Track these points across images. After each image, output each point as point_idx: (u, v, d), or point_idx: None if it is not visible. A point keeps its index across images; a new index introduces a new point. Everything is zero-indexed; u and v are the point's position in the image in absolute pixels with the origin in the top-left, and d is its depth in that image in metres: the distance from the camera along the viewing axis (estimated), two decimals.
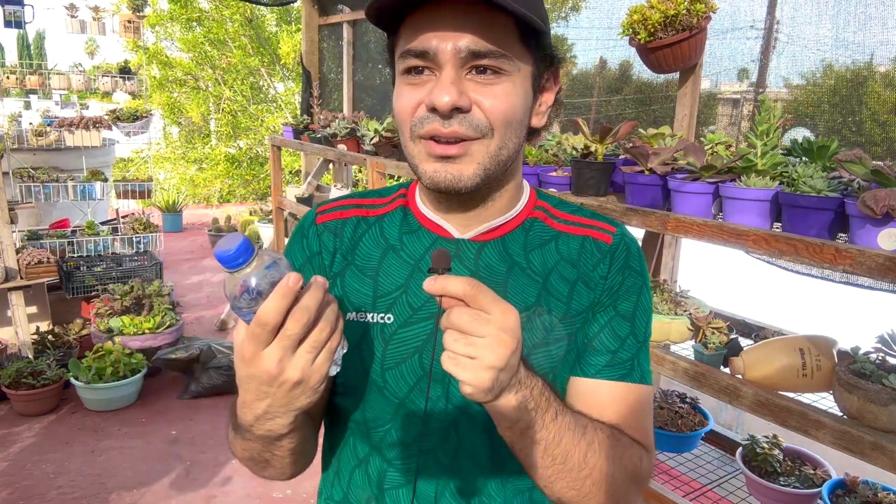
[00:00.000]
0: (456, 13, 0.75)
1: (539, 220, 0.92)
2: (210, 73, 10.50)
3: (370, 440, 0.91)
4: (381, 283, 0.89)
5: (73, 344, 4.24)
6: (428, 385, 0.85)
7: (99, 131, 5.00)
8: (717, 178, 1.68)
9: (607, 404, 0.86)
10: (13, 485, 3.07)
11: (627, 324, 0.89)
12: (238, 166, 10.48)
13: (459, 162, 0.79)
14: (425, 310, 0.87)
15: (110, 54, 9.71)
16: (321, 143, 3.94)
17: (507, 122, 0.79)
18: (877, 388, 1.36)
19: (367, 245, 0.92)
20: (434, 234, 0.90)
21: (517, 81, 0.79)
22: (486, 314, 0.66)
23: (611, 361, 0.87)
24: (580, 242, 0.91)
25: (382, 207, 0.96)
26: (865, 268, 1.31)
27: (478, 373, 0.66)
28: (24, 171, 4.61)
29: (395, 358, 0.87)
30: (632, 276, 0.90)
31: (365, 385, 0.89)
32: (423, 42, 0.76)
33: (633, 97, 2.52)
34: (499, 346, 0.66)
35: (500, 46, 0.76)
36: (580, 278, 0.89)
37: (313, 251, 0.94)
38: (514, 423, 0.73)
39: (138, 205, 5.96)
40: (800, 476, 1.95)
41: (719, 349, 1.79)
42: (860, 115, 1.90)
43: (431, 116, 0.78)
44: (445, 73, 0.76)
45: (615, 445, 0.81)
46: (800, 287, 2.52)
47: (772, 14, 2.05)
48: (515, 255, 0.89)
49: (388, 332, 0.87)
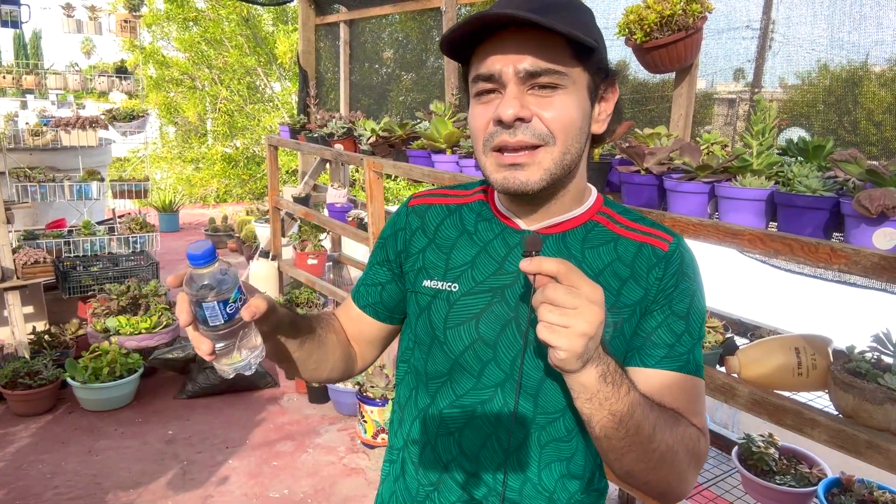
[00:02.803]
0: (515, 39, 0.87)
1: (601, 225, 1.02)
2: (206, 72, 10.48)
3: (429, 391, 1.05)
4: (452, 258, 1.04)
5: (69, 344, 4.23)
6: (522, 353, 0.96)
7: (95, 131, 4.99)
8: (712, 177, 1.68)
9: (665, 392, 0.94)
10: (9, 485, 3.06)
11: (682, 322, 0.97)
12: (235, 166, 10.45)
13: (527, 169, 0.90)
14: (486, 284, 1.00)
15: (107, 54, 9.70)
16: (318, 143, 3.94)
17: (565, 130, 0.90)
18: (872, 387, 1.36)
19: (447, 227, 1.08)
20: (504, 223, 1.03)
21: (573, 93, 0.90)
22: (576, 289, 0.75)
23: (668, 354, 0.96)
24: (638, 247, 0.99)
25: (465, 198, 1.11)
26: (861, 267, 1.31)
27: (572, 339, 0.75)
28: (20, 170, 4.60)
29: (455, 320, 1.01)
30: (685, 280, 0.98)
31: (430, 339, 1.04)
32: (489, 67, 0.89)
33: (629, 97, 2.52)
34: (590, 314, 0.75)
35: (555, 64, 0.87)
36: (632, 276, 0.97)
37: (399, 227, 1.12)
38: (595, 395, 0.81)
39: (135, 204, 5.96)
40: (795, 475, 1.96)
41: (715, 348, 1.79)
42: (855, 115, 1.90)
43: (499, 130, 0.90)
44: (509, 91, 0.88)
45: (677, 424, 0.90)
46: (794, 286, 2.53)
47: (767, 14, 2.05)
48: (573, 248, 0.99)
49: (454, 298, 1.01)
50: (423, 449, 1.07)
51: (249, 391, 4.11)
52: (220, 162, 10.29)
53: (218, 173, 10.37)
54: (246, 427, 3.69)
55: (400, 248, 1.12)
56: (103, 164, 6.17)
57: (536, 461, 1.00)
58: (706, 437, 0.97)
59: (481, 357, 1.00)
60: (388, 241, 1.15)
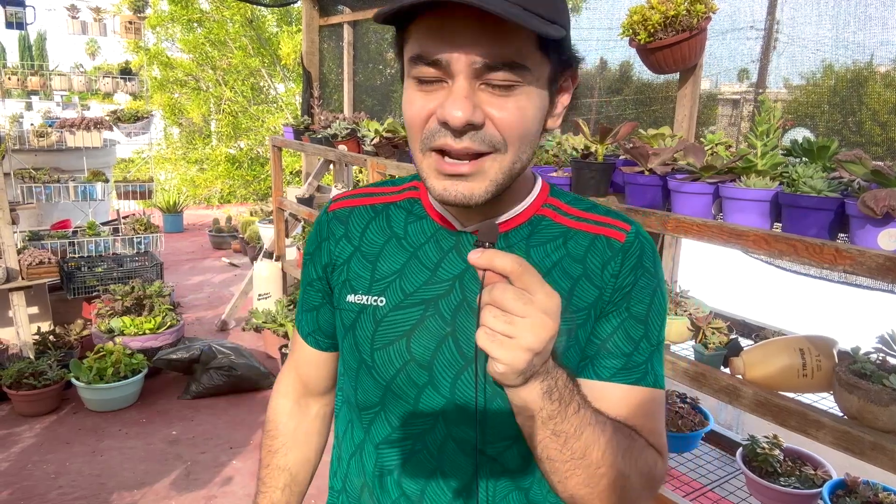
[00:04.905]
0: (474, 22, 0.70)
1: (548, 218, 0.90)
2: (211, 73, 10.50)
3: (362, 424, 0.94)
4: (379, 267, 0.91)
5: (73, 344, 4.24)
6: (476, 371, 0.83)
7: (100, 132, 5.00)
8: (716, 178, 1.68)
9: (621, 407, 0.84)
10: (14, 485, 3.07)
11: (641, 326, 0.87)
12: (239, 167, 10.48)
13: (471, 180, 0.77)
14: (417, 296, 0.88)
15: (111, 55, 9.72)
16: (322, 144, 3.94)
17: (521, 137, 0.76)
18: (877, 389, 1.36)
19: (373, 232, 0.95)
20: (438, 224, 0.91)
21: (533, 92, 0.76)
22: (530, 294, 0.64)
23: (625, 365, 0.85)
24: (590, 240, 0.88)
25: (393, 195, 0.98)
26: (865, 268, 1.31)
27: (515, 353, 0.64)
28: (25, 171, 4.61)
29: (383, 339, 0.88)
30: (645, 276, 0.87)
31: (358, 364, 0.92)
32: (436, 51, 0.72)
33: (633, 98, 2.52)
34: (540, 328, 0.64)
35: (517, 58, 0.72)
36: (585, 275, 0.86)
37: (322, 237, 0.98)
38: (538, 412, 0.71)
39: (139, 205, 5.97)
40: (800, 476, 1.95)
41: (719, 349, 1.79)
42: (860, 116, 1.90)
43: (443, 130, 0.75)
44: (458, 86, 0.73)
45: (632, 446, 0.80)
46: (799, 287, 2.52)
47: (772, 14, 2.05)
48: (516, 248, 0.88)
49: (380, 314, 0.89)
50: (360, 492, 0.95)
51: (253, 392, 4.11)
52: (224, 163, 10.32)
53: (222, 174, 10.40)
54: (250, 427, 3.69)
55: (325, 261, 0.98)
56: (108, 165, 6.19)
57: (490, 497, 0.88)
58: (664, 458, 0.88)
59: (415, 381, 0.87)
60: (313, 255, 1.01)
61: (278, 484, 1.10)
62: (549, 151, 2.28)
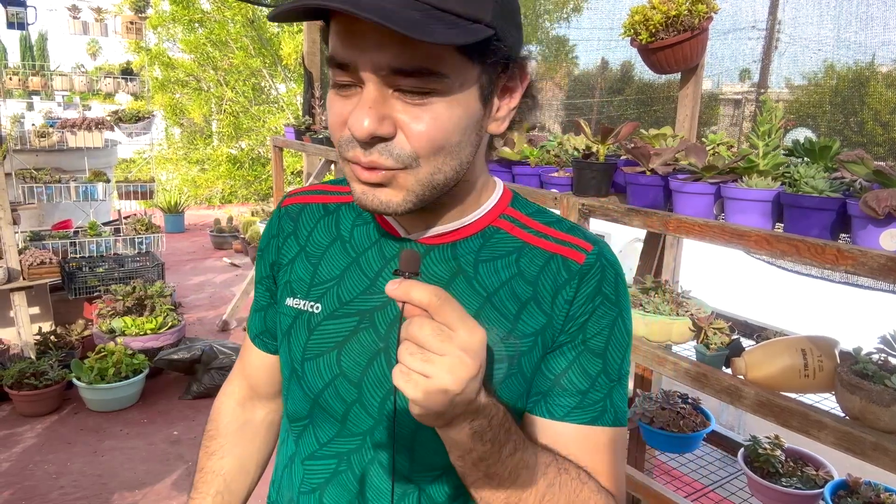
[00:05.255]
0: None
1: (502, 231, 0.83)
2: (212, 74, 10.51)
3: (293, 436, 0.89)
4: (319, 271, 0.86)
5: (75, 344, 4.24)
6: (394, 399, 0.77)
7: (101, 132, 5.00)
8: (718, 178, 1.68)
9: (575, 448, 0.78)
10: (15, 485, 3.07)
11: (599, 361, 0.79)
12: (240, 167, 10.49)
13: (387, 188, 0.71)
14: (353, 305, 0.82)
15: (112, 55, 9.71)
16: (323, 144, 3.94)
17: (435, 150, 0.69)
18: (879, 389, 1.36)
19: (320, 232, 0.89)
20: (382, 230, 0.84)
21: (455, 100, 0.68)
22: (450, 330, 0.59)
23: (580, 403, 0.78)
24: (546, 259, 0.80)
25: (347, 195, 0.90)
26: (867, 268, 1.31)
27: (429, 394, 0.58)
28: (26, 171, 4.62)
29: (314, 349, 0.83)
30: (605, 304, 0.79)
31: (290, 372, 0.87)
32: (344, 54, 0.67)
33: (634, 98, 2.52)
34: (459, 367, 0.58)
35: (430, 64, 0.64)
36: (535, 298, 0.79)
37: (272, 234, 0.94)
38: (467, 454, 0.66)
39: (140, 206, 5.97)
40: (802, 477, 1.95)
41: (721, 350, 1.78)
42: (862, 116, 1.90)
43: (353, 141, 0.69)
44: (365, 94, 0.66)
45: (579, 489, 0.73)
46: (801, 287, 2.52)
47: (773, 14, 2.05)
48: (464, 262, 0.81)
49: (314, 321, 0.84)
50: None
51: None
52: (225, 163, 10.33)
53: (223, 174, 10.41)
54: None
55: (273, 259, 0.93)
56: (109, 166, 6.19)
57: None
58: (618, 502, 0.80)
59: (344, 397, 0.81)
60: (263, 253, 0.95)
61: (209, 490, 1.02)
62: (551, 152, 2.28)
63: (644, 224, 1.78)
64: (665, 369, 1.78)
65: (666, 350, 1.87)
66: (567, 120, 3.07)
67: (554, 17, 3.86)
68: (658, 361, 1.78)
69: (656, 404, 2.27)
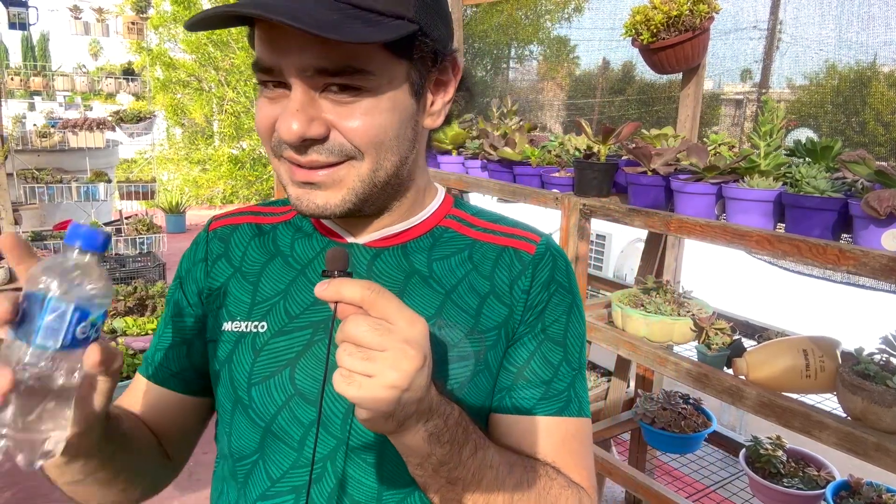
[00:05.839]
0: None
1: (451, 229, 0.83)
2: (213, 74, 10.52)
3: (237, 479, 0.80)
4: (260, 289, 0.81)
5: None
6: (319, 409, 0.74)
7: (102, 132, 5.01)
8: (719, 178, 1.67)
9: (542, 442, 0.76)
10: (17, 485, 3.08)
11: (559, 349, 0.79)
12: (241, 167, 10.50)
13: (326, 189, 0.70)
14: (303, 318, 0.77)
15: (114, 56, 9.73)
16: None
17: (376, 144, 0.68)
18: (880, 390, 1.35)
19: (255, 250, 0.84)
20: (327, 238, 0.82)
21: (385, 96, 0.67)
22: (389, 323, 0.56)
23: (545, 394, 0.77)
24: (498, 253, 0.81)
25: (281, 216, 0.87)
26: (869, 269, 1.31)
27: (376, 393, 0.55)
28: (28, 172, 4.62)
29: (263, 371, 0.77)
30: (559, 292, 0.80)
31: (232, 404, 0.79)
32: (268, 58, 0.66)
33: (635, 98, 2.52)
34: (402, 360, 0.55)
35: (354, 62, 0.64)
36: (493, 291, 0.79)
37: (198, 258, 0.87)
38: (425, 460, 0.63)
39: (141, 206, 5.98)
40: (803, 477, 1.94)
41: (722, 350, 1.78)
42: (863, 116, 1.90)
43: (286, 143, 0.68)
44: (293, 97, 0.66)
45: (549, 486, 0.72)
46: (802, 287, 2.52)
47: (775, 15, 2.05)
48: (417, 262, 0.79)
49: (260, 342, 0.78)
50: None
51: None
52: (226, 163, 10.34)
53: (224, 174, 10.42)
54: None
55: (201, 286, 0.85)
56: (110, 166, 6.20)
57: None
58: (592, 496, 0.78)
59: (301, 419, 0.75)
60: (185, 280, 0.87)
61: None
62: (552, 152, 2.28)
63: (645, 224, 1.78)
64: (666, 370, 1.78)
65: (667, 350, 1.87)
66: (568, 120, 3.08)
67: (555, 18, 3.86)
68: (659, 362, 1.78)
69: (657, 405, 2.27)
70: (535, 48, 4.19)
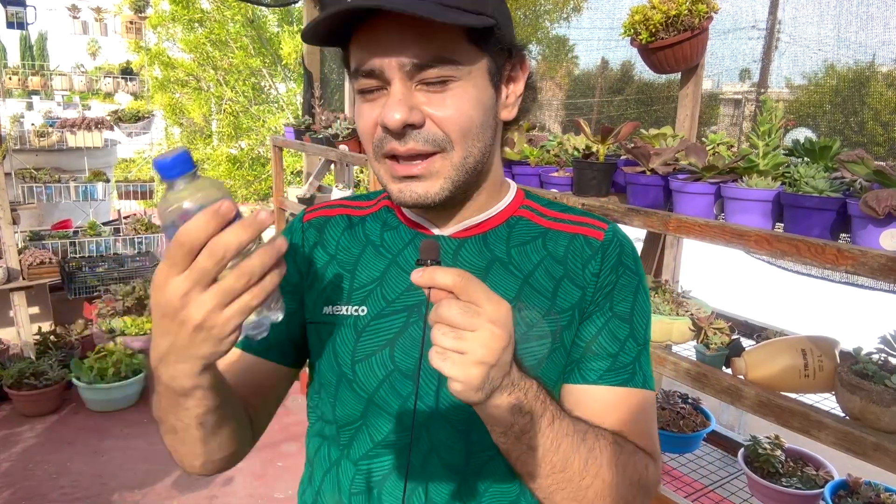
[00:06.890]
0: (395, 26, 0.74)
1: (525, 219, 0.92)
2: (212, 73, 10.51)
3: (339, 441, 0.90)
4: (357, 276, 0.90)
5: (74, 344, 4.24)
6: (417, 383, 0.83)
7: (101, 132, 5.01)
8: (718, 178, 1.67)
9: (609, 411, 0.83)
10: (15, 485, 3.07)
11: (626, 325, 0.86)
12: (240, 167, 10.49)
13: (424, 180, 0.79)
14: (399, 302, 0.86)
15: (112, 55, 9.72)
16: (323, 144, 3.94)
17: (463, 131, 0.78)
18: (879, 389, 1.36)
19: (348, 240, 0.93)
20: (413, 230, 0.91)
21: (470, 84, 0.78)
22: (477, 307, 0.63)
23: (612, 366, 0.84)
24: (569, 239, 0.89)
25: (368, 209, 0.97)
26: (867, 268, 1.31)
27: (467, 368, 0.62)
28: (26, 171, 4.62)
29: (365, 350, 0.86)
30: (627, 274, 0.88)
31: (337, 379, 0.88)
32: (370, 61, 0.76)
33: (634, 98, 2.52)
34: (490, 339, 0.62)
35: (445, 53, 0.75)
36: (567, 275, 0.87)
37: (296, 243, 0.95)
38: (508, 428, 0.70)
39: (140, 205, 5.98)
40: (802, 477, 1.95)
41: (721, 350, 1.78)
42: (862, 116, 1.90)
43: (388, 136, 0.77)
44: (393, 90, 0.76)
45: (618, 452, 0.78)
46: (801, 287, 2.52)
47: (773, 14, 2.05)
48: (497, 250, 0.88)
49: (361, 324, 0.87)
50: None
51: None
52: (225, 163, 10.33)
53: (223, 174, 10.40)
54: None
55: (302, 269, 0.94)
56: (109, 165, 6.19)
57: None
58: (657, 463, 0.85)
59: (400, 392, 0.84)
60: (286, 260, 0.93)
61: None
62: (551, 152, 2.28)
63: (644, 224, 1.78)
64: (665, 369, 1.78)
65: (666, 350, 1.87)
66: (567, 120, 3.08)
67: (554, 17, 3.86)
68: (658, 361, 1.78)
69: (656, 405, 2.27)
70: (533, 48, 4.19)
